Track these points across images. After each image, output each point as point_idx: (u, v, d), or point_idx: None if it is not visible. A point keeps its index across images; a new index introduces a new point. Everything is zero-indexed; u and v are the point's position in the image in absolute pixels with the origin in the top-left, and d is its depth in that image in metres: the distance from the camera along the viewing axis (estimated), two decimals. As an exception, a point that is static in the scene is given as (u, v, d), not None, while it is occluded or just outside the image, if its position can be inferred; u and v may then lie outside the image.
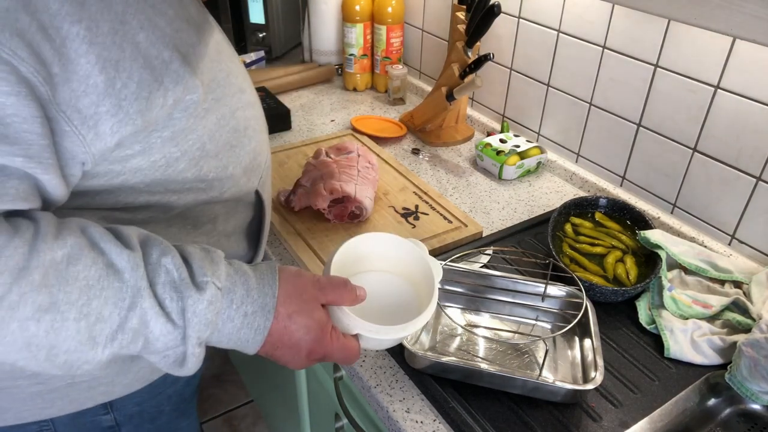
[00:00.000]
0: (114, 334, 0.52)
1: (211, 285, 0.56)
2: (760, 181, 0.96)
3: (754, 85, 0.92)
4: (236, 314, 0.58)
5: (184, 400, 0.89)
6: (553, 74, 1.26)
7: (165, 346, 0.55)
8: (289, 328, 0.60)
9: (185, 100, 0.60)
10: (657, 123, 1.08)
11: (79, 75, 0.52)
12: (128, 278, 0.53)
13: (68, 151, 0.54)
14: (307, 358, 0.63)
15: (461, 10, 1.34)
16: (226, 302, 0.58)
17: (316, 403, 1.18)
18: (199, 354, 0.57)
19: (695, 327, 0.86)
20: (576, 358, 0.83)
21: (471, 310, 0.92)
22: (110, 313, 0.52)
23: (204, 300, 0.55)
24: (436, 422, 0.75)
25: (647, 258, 0.98)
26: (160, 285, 0.54)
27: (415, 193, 1.16)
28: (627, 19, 1.07)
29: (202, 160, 0.65)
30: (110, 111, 0.54)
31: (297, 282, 0.62)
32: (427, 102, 1.39)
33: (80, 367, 0.53)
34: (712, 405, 0.82)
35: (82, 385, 0.70)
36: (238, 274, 0.59)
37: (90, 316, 0.51)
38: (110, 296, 0.52)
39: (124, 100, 0.55)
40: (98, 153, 0.56)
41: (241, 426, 1.83)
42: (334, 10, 1.65)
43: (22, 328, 0.49)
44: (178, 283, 0.55)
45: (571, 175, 1.27)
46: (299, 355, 0.62)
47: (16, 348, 0.50)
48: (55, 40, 0.50)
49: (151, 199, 0.64)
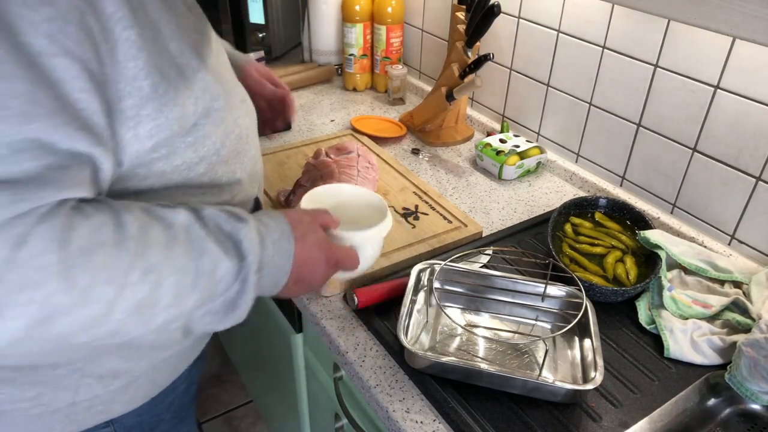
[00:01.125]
0: (195, 282, 0.56)
1: (249, 218, 0.62)
2: (760, 181, 0.96)
3: (754, 85, 0.92)
4: (268, 243, 0.63)
5: (184, 407, 0.89)
6: (553, 74, 1.26)
7: (227, 285, 0.59)
8: (306, 246, 0.67)
9: (212, 107, 0.63)
10: (657, 123, 1.08)
11: (127, 77, 0.55)
12: (191, 231, 0.57)
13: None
14: (327, 266, 0.70)
15: (461, 10, 1.34)
16: (259, 235, 0.63)
17: (316, 403, 1.18)
18: (255, 285, 0.61)
19: (695, 327, 0.86)
20: (576, 358, 0.83)
21: (471, 310, 0.92)
22: (186, 264, 0.56)
23: (252, 229, 0.61)
24: (436, 422, 0.75)
25: (647, 258, 0.98)
26: (215, 229, 0.59)
27: (415, 193, 1.16)
28: (627, 19, 1.07)
29: (217, 165, 0.68)
30: (151, 115, 0.57)
31: (293, 214, 0.69)
32: (427, 102, 1.39)
33: (172, 323, 0.57)
34: (712, 405, 0.82)
35: (82, 405, 0.70)
36: (253, 214, 0.65)
37: (176, 271, 0.55)
38: (183, 250, 0.56)
39: (165, 105, 0.58)
40: (134, 155, 0.58)
41: (241, 426, 1.83)
42: (334, 10, 1.65)
43: (133, 293, 0.53)
44: (226, 223, 0.60)
45: (571, 175, 1.27)
46: (320, 267, 0.69)
47: (128, 313, 0.53)
48: (109, 42, 0.53)
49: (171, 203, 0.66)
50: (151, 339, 0.57)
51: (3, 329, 0.48)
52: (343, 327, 0.89)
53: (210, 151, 0.66)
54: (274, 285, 0.65)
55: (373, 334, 0.87)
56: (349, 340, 0.87)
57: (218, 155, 0.67)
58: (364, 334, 0.88)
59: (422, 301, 0.90)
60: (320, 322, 0.90)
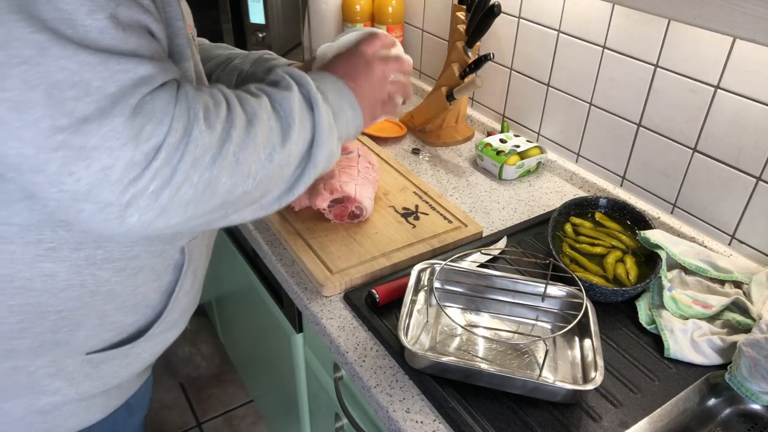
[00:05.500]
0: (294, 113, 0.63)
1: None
2: (760, 181, 0.96)
3: (754, 85, 0.92)
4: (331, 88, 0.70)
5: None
6: (553, 74, 1.26)
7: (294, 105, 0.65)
8: (348, 65, 0.74)
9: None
10: (657, 123, 1.08)
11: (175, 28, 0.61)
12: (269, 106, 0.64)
13: None
14: (383, 79, 0.76)
15: (461, 10, 1.34)
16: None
17: (316, 403, 1.18)
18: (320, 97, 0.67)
19: (695, 327, 0.86)
20: (576, 358, 0.83)
21: (471, 310, 0.92)
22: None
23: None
24: (436, 422, 0.75)
25: (647, 258, 0.98)
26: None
27: (415, 193, 1.16)
28: (627, 19, 1.07)
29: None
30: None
31: (328, 65, 0.76)
32: (427, 102, 1.39)
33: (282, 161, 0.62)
34: (712, 405, 0.82)
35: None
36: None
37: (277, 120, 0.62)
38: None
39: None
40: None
41: (241, 426, 1.83)
42: (335, 10, 1.65)
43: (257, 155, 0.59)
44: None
45: (571, 175, 1.27)
46: (373, 78, 0.75)
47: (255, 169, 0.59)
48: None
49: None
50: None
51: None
52: (343, 327, 0.89)
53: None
54: (350, 105, 0.71)
55: (373, 334, 0.87)
56: (349, 340, 0.87)
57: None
58: (364, 334, 0.88)
59: (422, 301, 0.90)
60: (320, 322, 0.90)
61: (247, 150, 0.58)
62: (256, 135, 0.59)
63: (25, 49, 0.47)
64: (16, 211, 0.59)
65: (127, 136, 0.50)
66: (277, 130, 0.61)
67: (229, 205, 0.59)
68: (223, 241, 1.39)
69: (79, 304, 0.67)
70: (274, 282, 1.09)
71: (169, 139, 0.52)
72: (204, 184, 0.55)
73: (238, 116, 0.58)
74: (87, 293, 0.67)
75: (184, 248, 0.74)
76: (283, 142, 0.61)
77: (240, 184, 0.58)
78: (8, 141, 0.48)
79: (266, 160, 0.60)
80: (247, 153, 0.58)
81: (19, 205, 0.59)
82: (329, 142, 0.67)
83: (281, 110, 0.62)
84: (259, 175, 0.60)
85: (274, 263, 1.02)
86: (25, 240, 0.61)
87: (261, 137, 0.59)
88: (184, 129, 0.53)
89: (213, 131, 0.55)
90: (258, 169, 0.59)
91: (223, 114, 0.57)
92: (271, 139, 0.60)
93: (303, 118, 0.64)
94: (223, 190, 0.57)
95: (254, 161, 0.58)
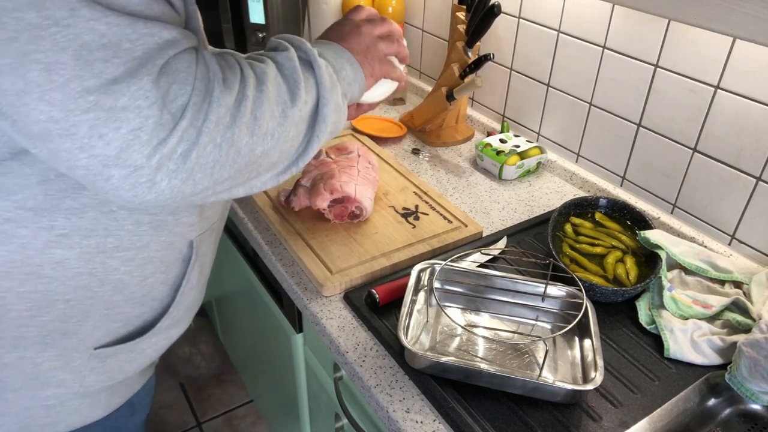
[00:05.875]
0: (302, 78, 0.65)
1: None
2: (760, 181, 0.96)
3: (754, 85, 0.92)
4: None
5: None
6: (553, 74, 1.26)
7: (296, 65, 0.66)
8: (338, 30, 0.77)
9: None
10: (657, 123, 1.08)
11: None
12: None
13: None
14: (375, 37, 0.77)
15: (461, 10, 1.34)
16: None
17: (316, 403, 1.18)
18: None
19: (695, 327, 0.86)
20: (576, 358, 0.83)
21: (471, 310, 0.92)
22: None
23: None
24: (436, 422, 0.75)
25: (647, 258, 0.98)
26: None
27: (415, 193, 1.16)
28: (627, 19, 1.07)
29: None
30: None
31: (317, 38, 0.77)
32: (427, 102, 1.39)
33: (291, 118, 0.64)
34: (712, 405, 0.82)
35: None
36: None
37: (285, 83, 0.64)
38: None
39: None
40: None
41: (241, 426, 1.83)
42: (335, 10, 1.65)
43: (272, 115, 0.61)
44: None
45: (571, 175, 1.27)
46: (364, 37, 0.76)
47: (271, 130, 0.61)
48: None
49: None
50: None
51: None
52: (343, 327, 0.89)
53: None
54: (349, 62, 0.73)
55: (373, 334, 0.87)
56: (349, 340, 0.87)
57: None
58: (364, 334, 0.88)
59: (422, 301, 0.90)
60: (320, 322, 0.90)
61: (262, 107, 0.59)
62: (268, 92, 0.60)
63: (57, 11, 0.47)
64: (30, 195, 0.60)
65: (155, 96, 0.51)
66: (285, 88, 0.63)
67: (252, 167, 0.61)
68: (223, 241, 1.39)
69: (88, 293, 0.68)
70: (274, 282, 1.09)
71: (193, 99, 0.53)
72: (228, 144, 0.56)
73: (250, 76, 0.60)
74: (96, 282, 0.68)
75: (193, 242, 0.75)
76: (293, 98, 0.63)
77: (260, 142, 0.60)
78: (38, 105, 0.49)
79: (281, 117, 0.62)
80: (263, 109, 0.59)
81: (34, 189, 0.60)
82: (334, 96, 0.68)
83: (286, 70, 0.64)
84: (277, 133, 0.61)
85: (274, 263, 1.02)
86: (38, 225, 0.61)
87: (272, 94, 0.61)
88: (205, 88, 0.54)
89: (231, 90, 0.57)
90: (275, 127, 0.61)
91: (237, 75, 0.58)
92: (282, 96, 0.62)
93: (306, 76, 0.66)
94: (245, 150, 0.58)
95: (270, 118, 0.60)
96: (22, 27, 0.47)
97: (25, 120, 0.50)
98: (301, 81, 0.64)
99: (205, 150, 0.54)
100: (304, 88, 0.65)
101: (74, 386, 0.73)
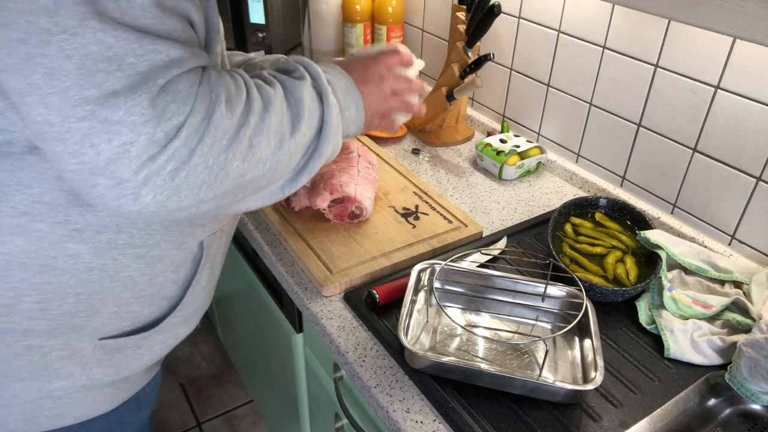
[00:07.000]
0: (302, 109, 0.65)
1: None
2: (760, 181, 0.96)
3: (754, 85, 0.92)
4: (339, 81, 0.73)
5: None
6: (553, 74, 1.26)
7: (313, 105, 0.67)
8: (364, 70, 0.77)
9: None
10: (657, 123, 1.08)
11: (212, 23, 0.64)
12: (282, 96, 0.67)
13: None
14: (391, 94, 0.79)
15: (461, 10, 1.34)
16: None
17: (316, 403, 1.18)
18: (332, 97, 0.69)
19: (695, 327, 0.86)
20: (576, 359, 0.83)
21: (471, 310, 0.92)
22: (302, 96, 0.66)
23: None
24: (436, 422, 0.75)
25: (647, 258, 0.98)
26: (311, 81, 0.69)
27: (415, 193, 1.16)
28: (627, 19, 1.07)
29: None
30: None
31: (344, 63, 0.78)
32: (427, 102, 1.39)
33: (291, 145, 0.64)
34: (712, 405, 0.82)
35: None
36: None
37: (288, 108, 0.65)
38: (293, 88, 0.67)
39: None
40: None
41: (241, 426, 1.83)
42: (335, 10, 1.65)
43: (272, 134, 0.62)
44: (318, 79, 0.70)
45: (571, 175, 1.27)
46: (382, 90, 0.77)
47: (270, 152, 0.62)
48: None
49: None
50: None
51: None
52: (343, 327, 0.89)
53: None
54: (355, 103, 0.73)
55: (373, 334, 0.87)
56: (349, 340, 0.87)
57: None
58: (364, 334, 0.88)
59: (422, 301, 0.90)
60: (320, 322, 0.90)
61: (260, 135, 0.60)
62: (270, 122, 0.61)
63: (68, 19, 0.48)
64: (47, 189, 0.61)
65: (150, 113, 0.51)
66: (288, 119, 0.63)
67: (238, 190, 0.61)
68: (223, 241, 1.39)
69: (98, 288, 0.68)
70: (274, 282, 1.09)
71: (190, 120, 0.53)
72: (219, 167, 0.57)
73: (255, 100, 0.60)
74: (107, 277, 0.68)
75: (203, 243, 0.75)
76: (293, 131, 0.64)
77: (251, 169, 0.60)
78: (37, 107, 0.50)
79: (276, 147, 0.62)
80: (260, 138, 0.60)
81: (50, 183, 0.61)
82: (336, 136, 0.69)
83: (293, 99, 0.65)
84: (269, 162, 0.62)
85: (274, 263, 1.02)
86: (53, 219, 0.62)
87: (274, 123, 0.61)
88: (206, 111, 0.55)
89: (233, 115, 0.57)
90: (268, 156, 0.61)
91: (243, 99, 0.59)
92: (282, 126, 0.63)
93: (312, 110, 0.66)
94: (235, 174, 0.59)
95: (266, 147, 0.61)
96: (33, 30, 0.48)
97: (26, 118, 0.52)
98: (304, 114, 0.65)
99: (195, 170, 0.55)
100: (306, 122, 0.65)
101: (81, 378, 0.74)
